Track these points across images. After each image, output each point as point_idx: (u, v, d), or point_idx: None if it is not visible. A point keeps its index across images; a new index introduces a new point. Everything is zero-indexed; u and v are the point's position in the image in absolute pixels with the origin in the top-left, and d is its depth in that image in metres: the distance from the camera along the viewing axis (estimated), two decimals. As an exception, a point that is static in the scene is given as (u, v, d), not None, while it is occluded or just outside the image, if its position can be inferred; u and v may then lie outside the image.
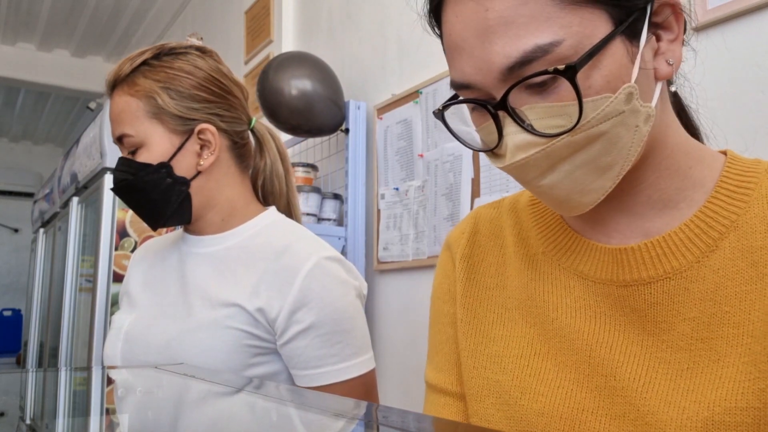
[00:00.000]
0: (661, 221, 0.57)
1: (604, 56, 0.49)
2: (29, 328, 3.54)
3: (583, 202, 0.53)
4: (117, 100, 0.99)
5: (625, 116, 0.50)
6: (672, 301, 0.54)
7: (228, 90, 1.03)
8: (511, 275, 0.65)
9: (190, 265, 1.03)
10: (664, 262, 0.55)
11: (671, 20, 0.54)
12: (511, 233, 0.67)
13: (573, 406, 0.55)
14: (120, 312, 1.09)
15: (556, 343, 0.58)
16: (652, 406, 0.51)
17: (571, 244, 0.61)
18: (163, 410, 0.65)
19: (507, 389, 0.59)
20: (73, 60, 5.11)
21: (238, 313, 0.93)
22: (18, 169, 6.95)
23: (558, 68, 0.48)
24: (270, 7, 2.87)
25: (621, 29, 0.49)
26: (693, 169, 0.57)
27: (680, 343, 0.52)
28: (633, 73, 0.50)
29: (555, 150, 0.50)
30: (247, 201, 1.06)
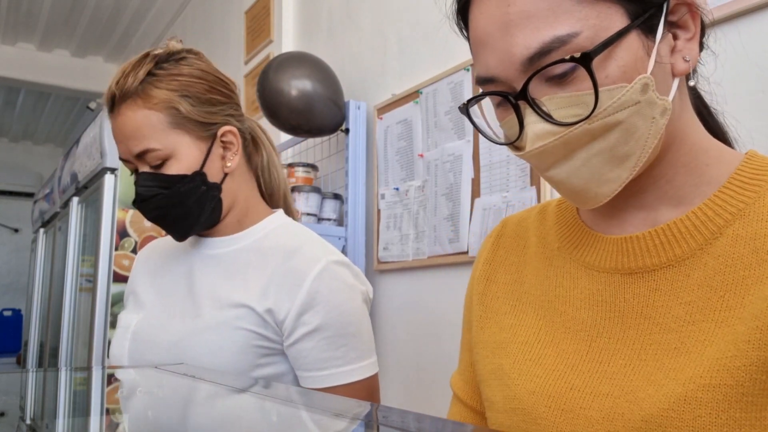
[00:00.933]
0: (671, 214, 0.58)
1: (620, 48, 0.52)
2: (29, 328, 3.54)
3: (600, 193, 0.55)
4: (130, 115, 0.95)
5: (641, 106, 0.52)
6: (672, 286, 0.55)
7: (230, 88, 1.04)
8: (530, 272, 0.67)
9: (199, 266, 1.04)
10: (667, 249, 0.56)
11: (687, 19, 0.56)
12: (534, 234, 0.70)
13: (562, 386, 0.57)
14: (126, 311, 1.10)
15: (560, 333, 0.60)
16: (635, 385, 0.53)
17: (582, 238, 0.64)
18: (162, 410, 0.65)
19: (507, 372, 0.61)
20: (73, 60, 5.11)
21: (247, 314, 0.94)
22: (18, 169, 6.95)
23: (574, 56, 0.50)
24: (270, 7, 2.86)
25: (637, 23, 0.52)
26: (710, 167, 0.58)
27: (672, 325, 0.54)
28: (649, 66, 0.52)
29: (572, 138, 0.52)
30: (257, 199, 1.08)
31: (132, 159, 0.97)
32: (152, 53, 0.98)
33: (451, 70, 1.82)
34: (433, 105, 1.89)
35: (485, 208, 1.68)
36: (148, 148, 0.94)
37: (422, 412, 0.49)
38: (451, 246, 1.77)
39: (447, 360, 1.78)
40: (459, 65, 1.79)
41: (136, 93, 0.95)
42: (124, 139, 0.96)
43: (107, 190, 2.07)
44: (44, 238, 3.50)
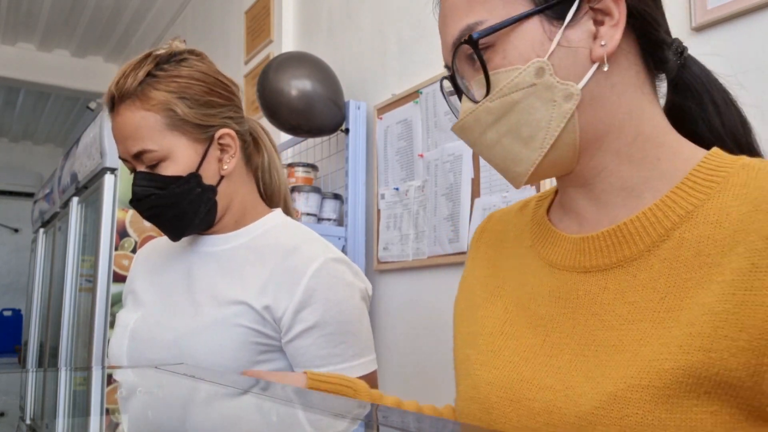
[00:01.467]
0: (626, 210, 0.59)
1: (518, 33, 0.56)
2: (29, 328, 3.54)
3: (518, 172, 0.59)
4: (129, 115, 0.95)
5: (538, 89, 0.56)
6: (620, 286, 0.57)
7: (231, 90, 1.04)
8: (504, 267, 0.70)
9: (198, 264, 1.04)
10: (618, 250, 0.58)
11: (610, 5, 0.57)
12: (512, 230, 0.73)
13: (515, 377, 0.59)
14: (125, 310, 1.10)
15: (522, 327, 0.63)
16: (574, 381, 0.55)
17: (548, 236, 0.66)
18: (162, 410, 0.65)
19: (472, 362, 0.64)
20: (73, 60, 5.11)
21: (246, 311, 0.94)
22: (18, 169, 6.95)
23: (465, 39, 0.57)
24: (270, 7, 2.87)
25: (538, 9, 0.56)
26: (662, 161, 0.59)
27: (614, 323, 0.55)
28: (548, 50, 0.56)
29: (480, 114, 0.58)
30: (255, 201, 1.08)
31: (130, 159, 0.98)
32: (154, 54, 0.99)
33: (451, 70, 1.82)
34: (433, 105, 1.89)
35: (485, 208, 1.68)
36: (144, 149, 0.95)
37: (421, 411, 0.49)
38: (451, 246, 1.77)
39: (447, 360, 1.78)
40: (459, 65, 1.79)
41: (135, 94, 0.95)
42: (122, 139, 0.97)
43: (107, 190, 2.07)
44: (44, 238, 3.50)
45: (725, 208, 0.53)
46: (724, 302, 0.49)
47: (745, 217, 0.51)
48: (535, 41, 0.56)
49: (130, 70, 0.96)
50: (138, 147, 0.95)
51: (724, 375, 0.48)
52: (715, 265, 0.51)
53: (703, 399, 0.49)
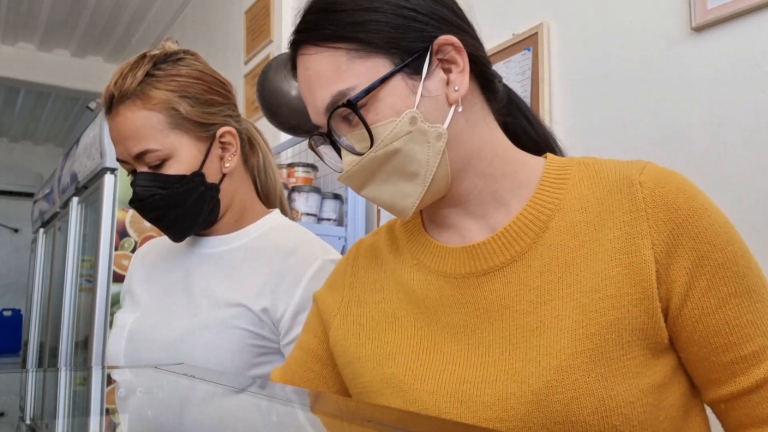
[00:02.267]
0: (499, 217, 0.69)
1: (385, 91, 0.64)
2: (29, 328, 3.54)
3: (406, 206, 0.67)
4: (129, 116, 0.94)
5: (414, 135, 0.64)
6: (520, 277, 0.65)
7: (228, 89, 1.04)
8: (394, 288, 0.75)
9: (196, 265, 1.03)
10: (509, 248, 0.67)
11: (455, 55, 0.66)
12: (388, 252, 0.79)
13: (455, 381, 0.64)
14: (123, 311, 1.09)
15: (440, 338, 0.68)
16: (517, 367, 0.62)
17: (434, 250, 0.73)
18: (162, 410, 0.65)
19: (402, 379, 0.68)
20: (73, 60, 5.11)
21: (244, 313, 0.94)
22: (18, 169, 6.95)
23: (344, 102, 0.64)
24: (270, 7, 2.86)
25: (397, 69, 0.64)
26: (517, 173, 0.70)
27: (528, 308, 0.64)
28: (415, 101, 0.64)
29: (366, 164, 0.65)
30: (253, 200, 1.08)
31: (130, 160, 0.96)
32: (149, 54, 0.98)
33: (451, 70, 1.82)
34: (432, 105, 1.89)
35: (485, 208, 1.67)
36: (147, 149, 0.94)
37: (422, 412, 0.48)
38: (451, 246, 1.77)
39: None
40: (459, 65, 1.79)
41: (135, 94, 0.94)
42: (122, 140, 0.96)
43: (107, 190, 2.07)
44: (44, 238, 3.50)
45: (584, 197, 0.66)
46: (615, 266, 0.61)
47: (603, 200, 0.65)
48: (402, 95, 0.64)
49: (128, 70, 0.96)
50: (140, 147, 0.94)
51: (633, 323, 0.60)
52: (593, 241, 0.63)
53: (626, 348, 0.59)
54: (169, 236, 1.02)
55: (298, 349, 0.81)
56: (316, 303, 0.82)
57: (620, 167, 0.67)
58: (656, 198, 0.62)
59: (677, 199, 0.62)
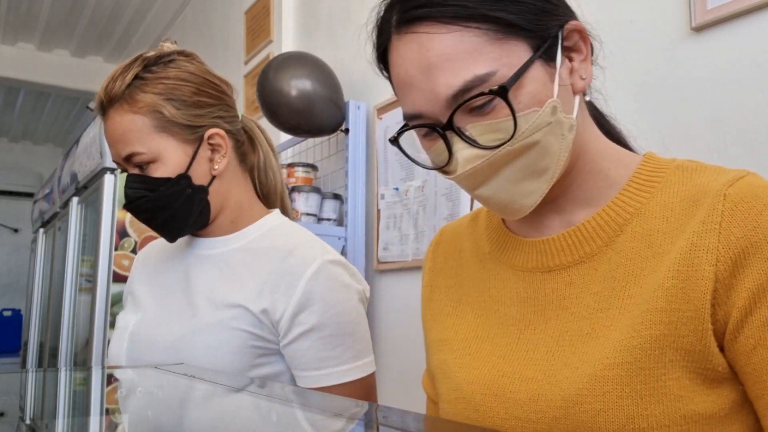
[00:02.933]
0: (582, 214, 0.66)
1: (528, 78, 0.59)
2: (29, 328, 3.53)
3: (525, 204, 0.62)
4: (117, 119, 0.96)
5: (553, 126, 0.60)
6: (584, 280, 0.63)
7: (221, 90, 1.03)
8: (466, 275, 0.75)
9: (196, 267, 1.04)
10: (578, 248, 0.64)
11: (579, 43, 0.64)
12: (468, 239, 0.77)
13: (495, 374, 0.64)
14: (124, 312, 1.10)
15: (495, 329, 0.68)
16: (554, 369, 0.60)
17: (508, 242, 0.71)
18: (162, 410, 0.65)
19: (450, 366, 0.68)
20: (73, 60, 5.11)
21: (243, 315, 0.94)
22: (18, 169, 6.95)
23: (493, 89, 0.58)
24: (270, 7, 2.86)
25: (538, 54, 0.60)
26: (611, 170, 0.66)
27: (584, 313, 0.61)
28: (554, 90, 0.60)
29: (497, 159, 0.60)
30: (251, 200, 1.07)
31: (121, 162, 0.98)
32: (143, 56, 0.99)
33: (451, 70, 1.82)
34: (432, 105, 1.89)
35: (485, 208, 1.68)
36: (133, 152, 0.95)
37: (422, 412, 0.49)
38: (451, 246, 1.77)
39: (447, 360, 1.78)
40: (459, 65, 1.79)
41: (123, 97, 0.96)
42: (112, 143, 0.98)
43: (107, 190, 2.07)
44: (44, 238, 3.50)
45: (669, 204, 0.62)
46: (671, 278, 0.57)
47: (687, 211, 0.60)
48: (542, 83, 0.60)
49: (118, 74, 0.97)
50: (127, 150, 0.96)
51: (679, 342, 0.56)
52: (665, 253, 0.59)
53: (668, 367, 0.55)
54: (162, 236, 1.03)
55: None
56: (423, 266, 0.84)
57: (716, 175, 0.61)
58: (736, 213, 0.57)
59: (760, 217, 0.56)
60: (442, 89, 0.59)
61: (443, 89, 0.59)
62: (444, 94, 0.59)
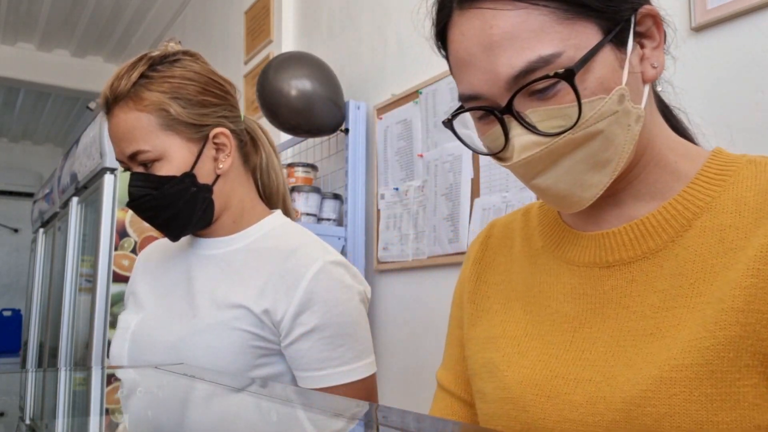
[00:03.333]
0: (643, 208, 0.62)
1: (597, 62, 0.56)
2: (29, 328, 3.53)
3: (584, 197, 0.59)
4: (122, 117, 0.96)
5: (619, 116, 0.56)
6: (647, 277, 0.59)
7: (225, 90, 1.03)
8: (516, 271, 0.71)
9: (197, 266, 1.04)
10: (642, 243, 0.60)
11: (653, 29, 0.60)
12: (519, 235, 0.74)
13: (547, 374, 0.60)
14: (126, 312, 1.10)
15: (546, 326, 0.64)
16: (615, 370, 0.56)
17: (563, 236, 0.68)
18: (162, 410, 0.65)
19: (497, 364, 0.65)
20: (73, 60, 5.11)
21: (245, 315, 0.94)
22: (18, 169, 6.95)
23: (558, 72, 0.54)
24: (270, 7, 2.86)
25: (609, 38, 0.56)
26: (678, 164, 0.63)
27: (648, 312, 0.57)
28: (623, 77, 0.57)
29: (557, 147, 0.56)
30: (254, 201, 1.07)
31: (125, 160, 0.98)
32: (148, 55, 0.99)
33: (451, 70, 1.82)
34: (432, 105, 1.89)
35: (485, 208, 1.68)
36: (138, 150, 0.95)
37: (422, 412, 0.49)
38: (451, 246, 1.77)
39: (447, 360, 1.78)
40: (459, 65, 1.79)
41: (128, 95, 0.96)
42: (117, 141, 0.98)
43: (107, 190, 2.07)
44: (44, 238, 3.50)
45: (742, 199, 0.57)
46: (751, 277, 0.53)
47: (762, 205, 0.56)
48: (611, 69, 0.56)
49: (124, 72, 0.97)
50: (132, 148, 0.96)
51: (758, 346, 0.51)
52: (739, 249, 0.55)
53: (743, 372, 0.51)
54: (165, 235, 1.03)
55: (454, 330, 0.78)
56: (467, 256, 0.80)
57: None
58: None
59: None
60: (504, 69, 0.55)
61: (504, 69, 0.55)
62: (505, 74, 0.55)
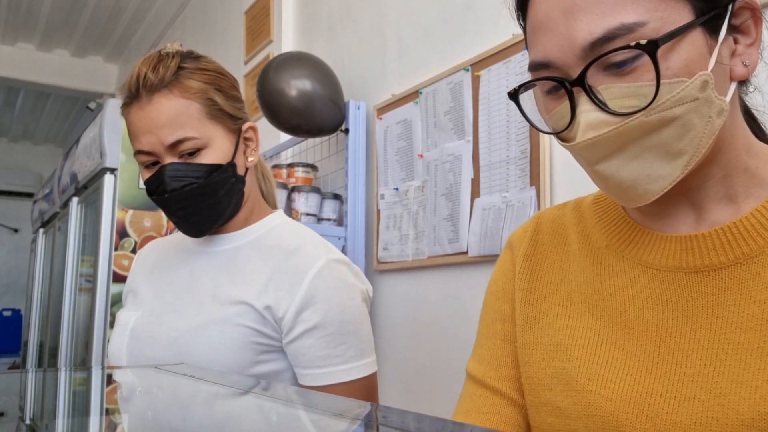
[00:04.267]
0: (725, 213, 0.58)
1: (684, 42, 0.51)
2: (29, 328, 3.53)
3: (650, 190, 0.54)
4: (166, 104, 0.94)
5: (699, 104, 0.52)
6: (742, 285, 0.54)
7: (239, 89, 1.06)
8: (575, 270, 0.66)
9: (199, 263, 1.04)
10: (734, 248, 0.56)
11: (749, 24, 0.56)
12: (574, 231, 0.69)
13: (641, 390, 0.55)
14: (125, 309, 1.10)
15: (624, 334, 0.59)
16: (724, 388, 0.52)
17: (635, 236, 0.62)
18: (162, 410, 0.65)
19: (574, 376, 0.60)
20: (73, 60, 5.11)
21: (247, 311, 0.94)
22: (18, 169, 6.95)
23: (640, 43, 0.50)
24: (270, 7, 2.86)
25: (702, 20, 0.52)
26: (760, 169, 0.58)
27: (749, 324, 0.53)
28: (710, 64, 0.52)
29: (627, 130, 0.52)
30: (259, 198, 1.09)
31: (161, 150, 0.94)
32: (169, 51, 0.99)
33: (451, 70, 1.82)
34: (432, 105, 1.89)
35: (485, 209, 1.68)
36: (185, 137, 0.94)
37: (422, 412, 0.49)
38: (451, 246, 1.77)
39: (447, 360, 1.78)
40: (459, 65, 1.79)
41: (171, 83, 0.95)
42: (156, 129, 0.94)
43: (107, 190, 2.07)
44: (44, 238, 3.50)
45: None
46: None
47: None
48: (700, 53, 0.52)
49: (156, 62, 0.96)
50: (177, 135, 0.93)
51: None
52: None
53: None
54: (188, 231, 1.00)
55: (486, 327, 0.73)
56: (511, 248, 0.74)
57: None
58: None
59: None
60: (581, 35, 0.52)
61: (582, 35, 0.52)
62: (582, 40, 0.52)
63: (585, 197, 0.71)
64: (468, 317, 1.72)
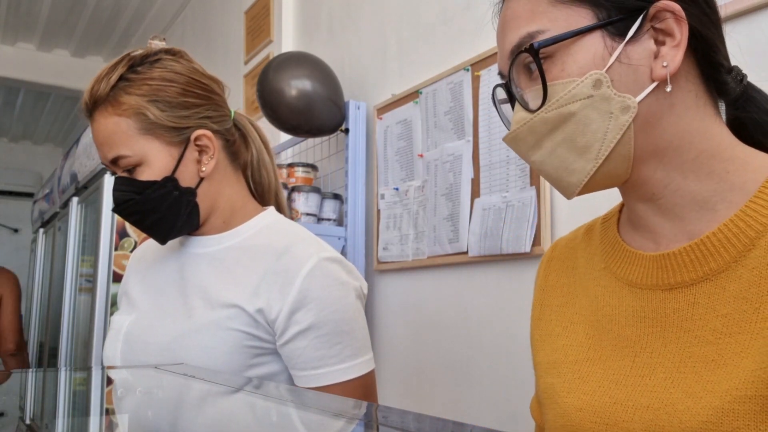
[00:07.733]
0: (701, 223, 0.59)
1: (579, 46, 0.57)
2: (29, 328, 3.53)
3: (572, 182, 0.60)
4: (102, 122, 0.95)
5: (595, 100, 0.57)
6: (709, 300, 0.56)
7: (210, 89, 1.02)
8: (579, 293, 0.70)
9: (190, 265, 1.03)
10: (703, 264, 0.57)
11: (672, 26, 0.57)
12: (582, 254, 0.72)
13: (607, 401, 0.59)
14: (119, 313, 1.09)
15: (608, 351, 0.62)
16: (675, 398, 0.54)
17: (623, 256, 0.65)
18: (162, 410, 0.65)
19: (558, 390, 0.64)
20: (73, 60, 5.11)
21: (239, 315, 0.93)
22: (18, 169, 6.94)
23: (526, 47, 0.58)
24: (270, 7, 2.86)
25: (599, 24, 0.57)
26: (731, 173, 0.59)
27: (710, 337, 0.55)
28: (607, 64, 0.57)
29: (534, 125, 0.59)
30: (244, 199, 1.06)
31: (108, 164, 0.98)
32: (129, 56, 0.98)
33: (451, 70, 1.82)
34: (432, 105, 1.89)
35: (485, 208, 1.68)
36: (118, 155, 0.95)
37: (422, 412, 0.49)
38: (451, 246, 1.77)
39: (446, 360, 1.78)
40: (459, 65, 1.79)
41: (107, 100, 0.96)
42: (99, 145, 0.98)
43: (107, 190, 2.07)
44: (44, 238, 3.50)
45: None
46: None
47: None
48: (595, 55, 0.57)
49: (103, 75, 0.97)
50: (113, 153, 0.96)
51: None
52: None
53: None
54: (153, 239, 1.03)
55: None
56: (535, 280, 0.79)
57: None
58: None
59: None
60: (506, 46, 0.61)
61: (507, 45, 0.61)
62: (506, 50, 0.61)
63: (598, 218, 0.74)
64: (468, 317, 1.72)
